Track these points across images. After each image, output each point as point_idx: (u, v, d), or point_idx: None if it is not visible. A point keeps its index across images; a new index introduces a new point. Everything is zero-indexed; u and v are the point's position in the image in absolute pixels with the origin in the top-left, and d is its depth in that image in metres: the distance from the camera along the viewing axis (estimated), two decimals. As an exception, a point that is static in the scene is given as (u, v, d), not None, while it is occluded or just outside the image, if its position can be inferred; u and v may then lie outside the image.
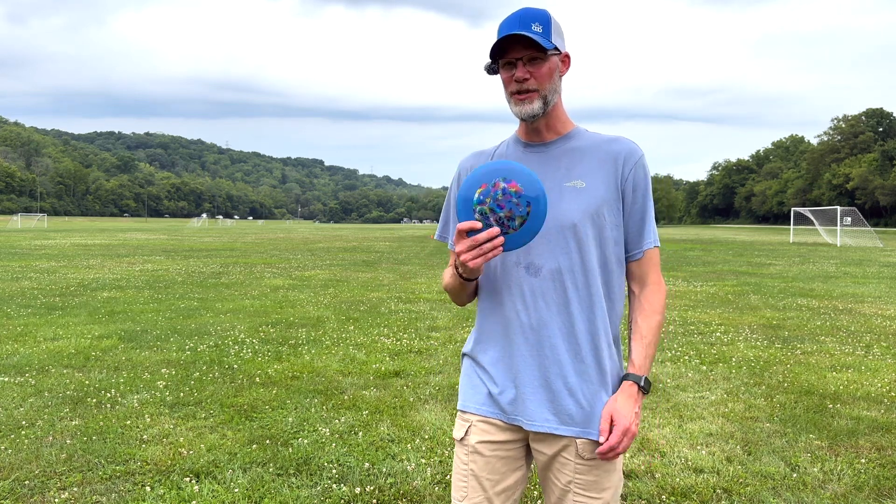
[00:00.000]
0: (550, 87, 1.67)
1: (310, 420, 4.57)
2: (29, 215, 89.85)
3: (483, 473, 1.76)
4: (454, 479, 1.82)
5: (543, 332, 1.69)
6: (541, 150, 1.74)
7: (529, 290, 1.70)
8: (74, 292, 11.67)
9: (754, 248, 30.21)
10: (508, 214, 1.53)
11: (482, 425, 1.76)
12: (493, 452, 1.76)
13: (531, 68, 1.64)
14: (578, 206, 1.68)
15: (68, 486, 3.48)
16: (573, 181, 1.69)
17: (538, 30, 1.62)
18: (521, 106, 1.67)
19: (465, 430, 1.79)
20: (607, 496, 1.72)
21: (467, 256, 1.54)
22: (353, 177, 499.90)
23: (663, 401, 5.10)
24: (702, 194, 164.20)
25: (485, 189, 1.53)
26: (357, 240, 39.07)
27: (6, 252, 23.20)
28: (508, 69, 1.67)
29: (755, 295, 12.00)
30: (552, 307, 1.69)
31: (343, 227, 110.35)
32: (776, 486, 3.57)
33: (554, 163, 1.72)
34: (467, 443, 1.78)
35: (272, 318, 8.95)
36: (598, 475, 1.70)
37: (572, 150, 1.73)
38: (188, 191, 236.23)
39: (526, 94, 1.66)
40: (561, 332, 1.69)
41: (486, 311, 1.78)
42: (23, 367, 6.04)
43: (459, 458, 1.81)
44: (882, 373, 6.07)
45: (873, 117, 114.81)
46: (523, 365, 1.71)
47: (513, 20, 1.63)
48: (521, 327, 1.71)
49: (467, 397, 1.81)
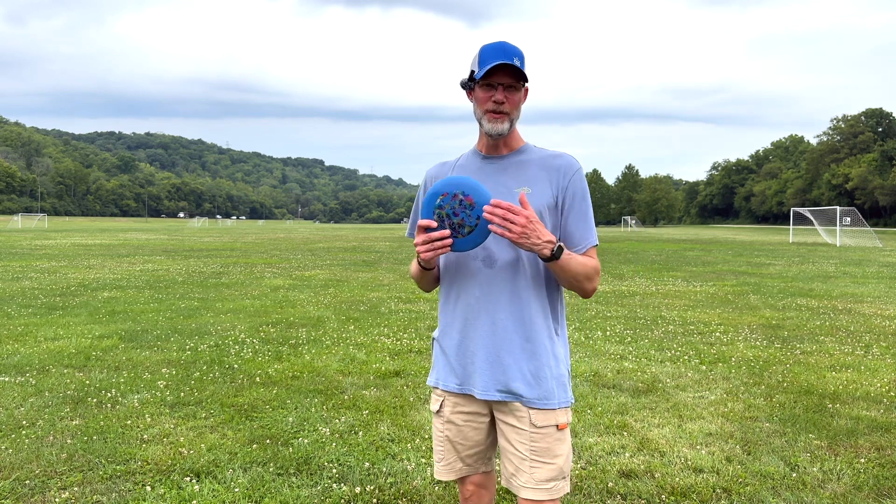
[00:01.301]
0: (517, 112, 2.00)
1: (310, 420, 4.58)
2: (29, 215, 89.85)
3: (456, 439, 2.11)
4: (434, 445, 2.19)
5: (497, 315, 1.98)
6: (496, 161, 2.05)
7: (486, 280, 1.99)
8: (75, 292, 11.67)
9: (754, 248, 30.22)
10: (460, 222, 1.87)
11: (453, 398, 2.10)
12: (465, 423, 2.10)
13: (508, 94, 1.95)
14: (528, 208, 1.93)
15: (69, 486, 3.49)
16: (521, 187, 1.99)
17: (517, 63, 1.92)
18: (493, 124, 1.97)
19: (439, 403, 2.13)
20: (560, 462, 2.00)
21: (421, 248, 1.89)
22: (353, 177, 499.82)
23: (663, 401, 5.11)
24: (701, 194, 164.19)
25: (446, 197, 1.86)
26: (357, 240, 39.08)
27: (7, 252, 23.21)
28: (487, 90, 1.95)
29: (755, 295, 12.01)
30: (505, 294, 1.97)
31: (343, 227, 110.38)
32: (776, 485, 3.58)
33: (507, 172, 2.03)
34: (443, 414, 2.12)
35: (272, 318, 8.96)
36: (549, 443, 1.98)
37: (522, 161, 2.04)
38: (188, 191, 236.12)
39: (499, 115, 1.96)
40: (512, 315, 1.97)
41: (449, 298, 2.08)
42: (23, 366, 6.04)
43: (437, 427, 2.16)
44: (881, 373, 6.08)
45: (873, 117, 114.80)
46: (480, 344, 2.00)
47: (497, 50, 1.92)
48: (477, 312, 2.00)
49: (438, 376, 2.13)
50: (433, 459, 2.19)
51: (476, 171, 2.05)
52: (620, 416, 4.72)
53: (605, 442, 4.19)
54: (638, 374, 5.91)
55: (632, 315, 9.46)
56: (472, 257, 1.99)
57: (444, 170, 2.15)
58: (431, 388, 2.17)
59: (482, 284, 1.98)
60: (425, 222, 1.88)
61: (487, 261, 1.98)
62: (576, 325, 8.51)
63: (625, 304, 10.67)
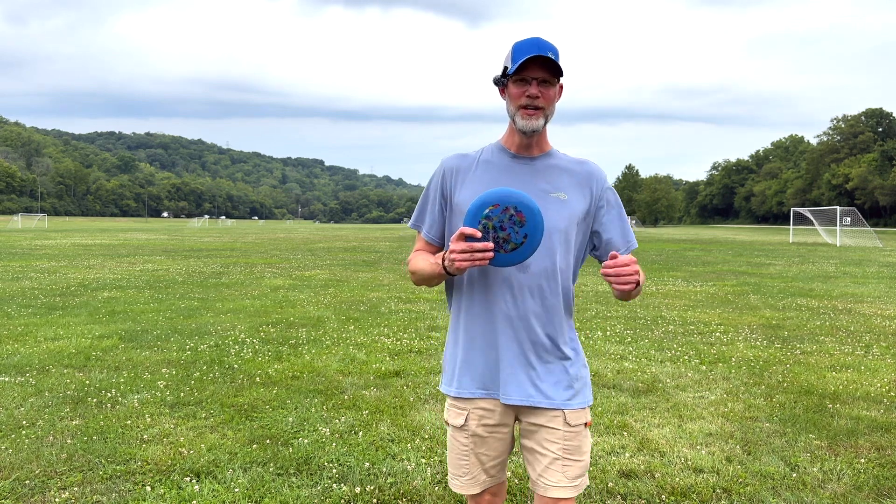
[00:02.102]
0: (551, 108, 1.93)
1: (310, 420, 4.58)
2: (29, 215, 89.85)
3: (482, 451, 2.03)
4: (452, 459, 2.07)
5: (528, 321, 1.93)
6: (528, 162, 1.99)
7: (518, 285, 1.93)
8: (75, 292, 11.67)
9: (754, 248, 30.21)
10: (506, 237, 1.79)
11: (479, 411, 2.00)
12: (490, 433, 2.02)
13: (542, 89, 1.88)
14: (563, 214, 1.95)
15: (69, 486, 3.49)
16: (557, 193, 1.96)
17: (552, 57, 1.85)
18: (527, 120, 1.90)
19: (464, 417, 2.02)
20: (587, 458, 2.01)
21: (458, 257, 1.78)
22: (353, 177, 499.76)
23: (663, 401, 5.11)
24: (701, 194, 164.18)
25: (496, 209, 1.77)
26: (357, 240, 39.08)
27: (7, 252, 23.21)
28: (521, 85, 1.89)
29: (755, 295, 12.01)
30: (536, 299, 1.93)
31: (343, 227, 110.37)
32: (776, 485, 3.58)
33: (539, 175, 1.98)
34: (468, 428, 2.02)
35: (272, 318, 8.96)
36: (580, 440, 1.98)
37: (553, 166, 2.00)
38: (188, 191, 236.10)
39: (534, 111, 1.89)
40: (545, 319, 1.95)
41: (475, 302, 1.98)
42: (23, 366, 6.04)
43: (459, 441, 2.05)
44: (882, 373, 6.07)
45: (873, 117, 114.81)
46: (511, 351, 1.94)
47: (532, 44, 1.86)
48: (508, 317, 1.94)
49: (464, 384, 2.01)
50: (450, 473, 2.09)
51: (507, 171, 1.98)
52: (620, 416, 4.72)
53: (605, 442, 4.18)
54: (638, 374, 5.91)
55: (632, 315, 9.46)
56: None
57: (466, 163, 2.04)
58: (451, 398, 2.05)
59: (513, 289, 1.93)
60: (469, 230, 1.77)
61: (521, 266, 1.92)
62: (576, 326, 8.50)
63: (625, 304, 10.67)
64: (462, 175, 2.01)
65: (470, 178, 2.00)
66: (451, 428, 2.06)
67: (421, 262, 2.00)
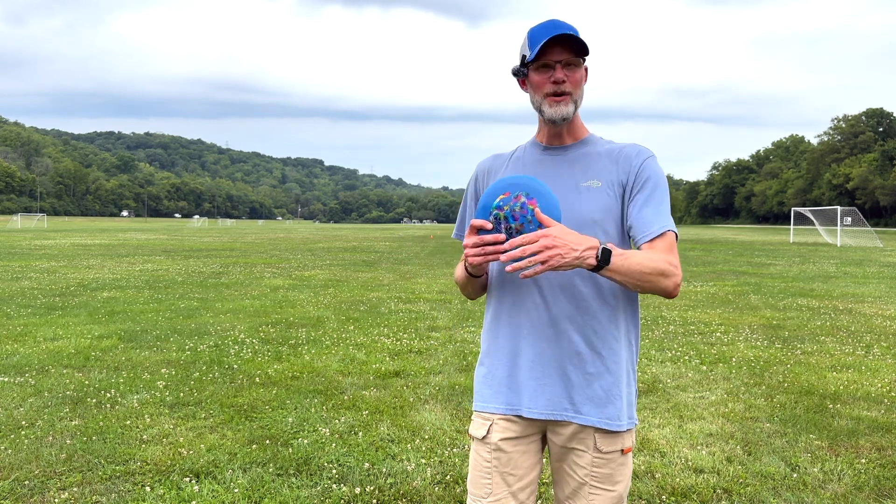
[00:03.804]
0: (580, 92, 1.75)
1: (310, 420, 4.57)
2: (29, 215, 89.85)
3: (507, 469, 1.79)
4: (473, 478, 1.84)
5: (562, 325, 1.74)
6: (559, 153, 1.82)
7: (549, 286, 1.74)
8: (74, 292, 11.67)
9: (754, 248, 30.21)
10: (518, 227, 1.60)
11: (503, 423, 1.80)
12: (514, 448, 1.80)
13: (567, 72, 1.71)
14: (597, 205, 1.74)
15: (68, 486, 3.48)
16: (589, 181, 1.75)
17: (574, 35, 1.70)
18: (555, 108, 1.73)
19: (486, 428, 1.81)
20: (620, 489, 1.77)
21: (470, 252, 1.62)
22: (353, 177, 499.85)
23: (663, 401, 5.10)
24: (702, 194, 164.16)
25: (506, 197, 1.62)
26: (357, 240, 39.07)
27: (6, 252, 23.20)
28: (544, 71, 1.72)
29: (755, 295, 12.01)
30: (572, 301, 1.73)
31: (343, 227, 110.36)
32: (776, 486, 3.57)
33: (572, 165, 1.79)
34: (489, 441, 1.81)
35: (272, 318, 8.95)
36: (613, 468, 1.76)
37: (589, 153, 1.80)
38: (188, 191, 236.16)
39: (561, 97, 1.72)
40: (580, 326, 1.74)
41: (504, 307, 1.81)
42: (23, 367, 6.03)
43: (481, 455, 1.83)
44: (882, 373, 6.07)
45: (873, 117, 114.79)
46: (541, 358, 1.75)
47: (549, 27, 1.70)
48: (536, 322, 1.75)
49: (485, 397, 1.84)
50: (470, 493, 1.84)
51: (535, 164, 1.82)
52: (621, 416, 4.71)
53: (605, 442, 4.18)
54: (638, 375, 5.89)
55: (632, 315, 9.45)
56: None
57: (498, 163, 1.91)
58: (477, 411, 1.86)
59: (543, 290, 1.74)
60: (478, 223, 1.61)
61: None
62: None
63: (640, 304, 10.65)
64: (493, 175, 1.88)
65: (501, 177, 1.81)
66: (473, 442, 1.86)
67: (458, 269, 1.86)
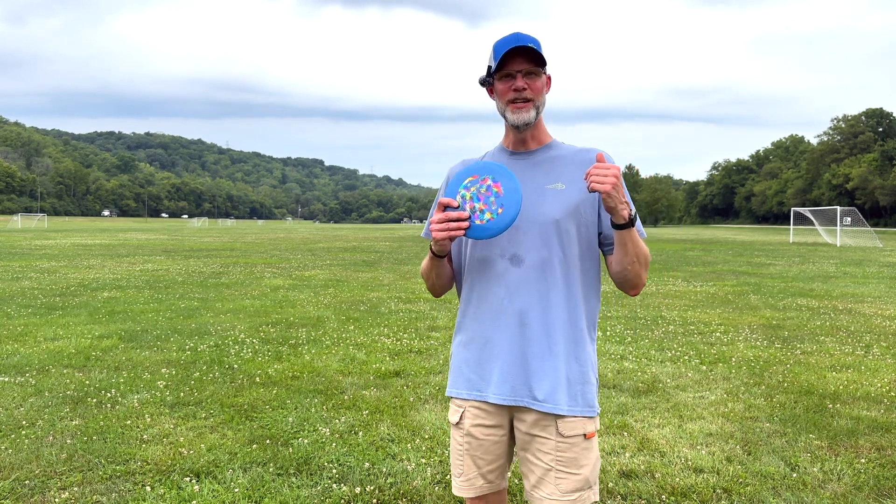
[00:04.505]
0: (541, 99, 1.90)
1: (310, 420, 4.57)
2: (29, 215, 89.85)
3: (477, 453, 1.98)
4: (452, 457, 2.06)
5: (524, 317, 1.87)
6: (525, 157, 1.96)
7: (513, 280, 1.88)
8: (75, 292, 11.67)
9: (754, 248, 30.21)
10: (482, 207, 1.78)
11: (474, 410, 1.97)
12: (485, 436, 1.97)
13: (528, 81, 1.86)
14: (560, 206, 1.88)
15: (68, 486, 3.49)
16: (554, 184, 1.90)
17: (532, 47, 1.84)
18: (517, 114, 1.87)
19: (459, 414, 2.00)
20: (586, 472, 1.89)
21: (435, 227, 1.79)
22: (353, 177, 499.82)
23: (663, 401, 5.11)
24: (702, 194, 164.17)
25: (474, 179, 1.79)
26: (357, 240, 39.07)
27: (6, 252, 23.21)
28: (506, 80, 1.87)
29: (755, 295, 12.01)
30: (533, 295, 1.87)
31: (343, 227, 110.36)
32: (776, 485, 3.57)
33: (537, 168, 1.93)
34: (462, 426, 1.99)
35: (272, 318, 8.95)
36: (576, 453, 1.88)
37: (553, 157, 1.94)
38: (188, 191, 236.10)
39: (523, 104, 1.87)
40: (541, 317, 1.87)
41: (472, 299, 1.96)
42: (23, 366, 6.04)
43: (456, 439, 2.03)
44: (882, 373, 6.07)
45: (873, 117, 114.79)
46: (506, 347, 1.89)
47: (511, 39, 1.85)
48: (503, 313, 1.89)
49: (457, 384, 2.00)
50: (452, 472, 2.06)
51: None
52: (621, 416, 4.72)
53: (605, 442, 4.18)
54: (638, 375, 5.90)
55: (632, 315, 9.46)
56: (499, 255, 1.89)
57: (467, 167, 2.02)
58: (450, 398, 2.04)
59: (509, 284, 1.88)
60: (445, 200, 1.79)
61: (515, 259, 1.88)
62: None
63: (625, 304, 10.67)
64: None
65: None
66: (451, 427, 2.04)
67: (424, 262, 2.00)
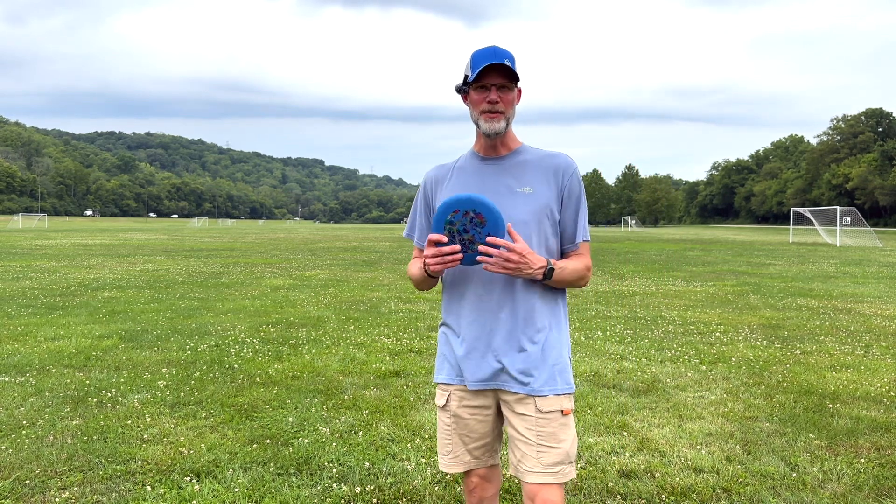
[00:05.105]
0: (512, 111, 2.07)
1: (310, 420, 4.58)
2: (29, 215, 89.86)
3: (463, 432, 2.18)
4: (439, 438, 2.23)
5: (500, 312, 2.07)
6: (496, 162, 2.13)
7: (489, 278, 2.07)
8: (75, 292, 11.67)
9: (754, 248, 30.22)
10: (470, 238, 1.96)
11: (459, 393, 2.16)
12: (471, 416, 2.16)
13: (501, 94, 2.03)
14: (529, 208, 2.07)
15: (69, 486, 3.49)
16: (523, 187, 2.08)
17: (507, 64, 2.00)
18: (490, 123, 2.04)
19: (445, 398, 2.19)
20: (566, 447, 2.07)
21: (431, 262, 1.97)
22: (354, 177, 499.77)
23: (663, 401, 5.11)
24: (701, 194, 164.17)
25: (457, 214, 1.95)
26: (357, 240, 39.07)
27: (7, 252, 23.21)
28: (481, 91, 2.03)
29: (755, 295, 12.01)
30: (507, 289, 2.06)
31: (343, 227, 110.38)
32: (776, 485, 3.58)
33: (507, 172, 2.11)
34: (449, 409, 2.18)
35: (272, 318, 8.96)
36: (555, 428, 2.06)
37: (521, 162, 2.12)
38: (188, 191, 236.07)
39: (495, 115, 2.03)
40: (514, 309, 2.06)
41: (453, 297, 2.16)
42: (23, 366, 6.04)
43: (443, 420, 2.21)
44: (881, 372, 6.08)
45: (873, 117, 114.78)
46: (484, 338, 2.08)
47: (488, 53, 2.00)
48: (478, 308, 2.09)
49: (442, 371, 2.20)
50: (438, 452, 2.23)
51: (475, 173, 2.12)
52: (620, 416, 4.72)
53: (605, 442, 4.18)
54: (638, 374, 5.91)
55: (632, 315, 9.46)
56: None
57: (443, 172, 2.22)
58: (436, 384, 2.23)
59: (485, 282, 2.07)
60: (436, 237, 1.95)
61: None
62: (576, 325, 8.50)
63: (625, 304, 10.67)
64: (440, 184, 2.20)
65: (446, 185, 2.17)
66: (438, 410, 2.23)
67: (414, 269, 2.21)
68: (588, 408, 4.88)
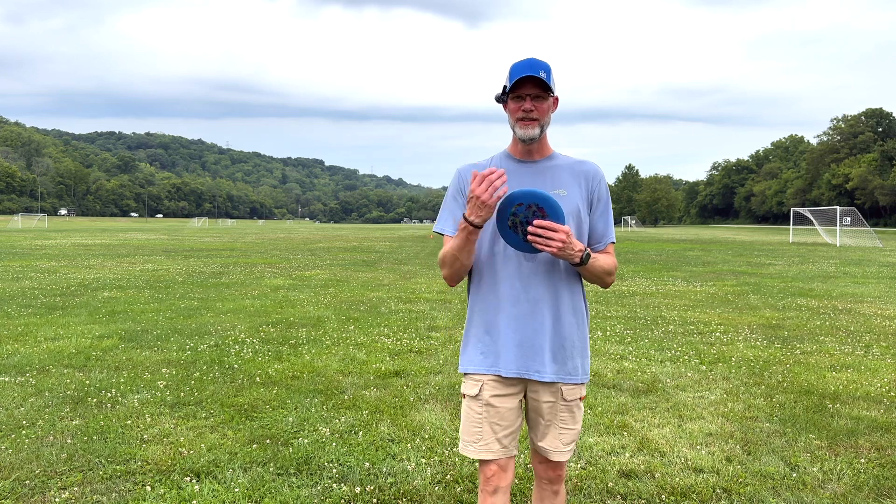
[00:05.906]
0: (546, 119, 2.22)
1: (310, 420, 4.58)
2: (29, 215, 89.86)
3: (494, 420, 2.27)
4: (466, 427, 2.30)
5: (537, 305, 2.21)
6: (531, 165, 2.29)
7: (527, 272, 2.21)
8: (75, 292, 11.67)
9: (754, 248, 30.21)
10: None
11: (492, 383, 2.26)
12: (502, 404, 2.26)
13: (536, 104, 2.18)
14: (565, 209, 2.17)
15: (69, 486, 3.49)
16: (558, 189, 2.25)
17: (543, 76, 2.15)
18: (525, 130, 2.20)
19: (478, 387, 2.27)
20: (578, 427, 2.36)
21: (479, 190, 2.00)
22: (353, 177, 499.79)
23: (663, 401, 5.11)
24: (701, 194, 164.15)
25: (521, 206, 2.07)
26: (357, 240, 39.07)
27: (7, 252, 23.21)
28: (518, 101, 2.19)
29: (755, 295, 12.01)
30: (543, 284, 2.21)
31: (343, 227, 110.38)
32: (776, 485, 3.58)
33: (543, 175, 2.28)
34: (481, 398, 2.27)
35: (272, 318, 8.96)
36: (573, 412, 2.32)
37: (555, 166, 2.29)
38: (188, 191, 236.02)
39: (530, 122, 2.19)
40: (549, 303, 2.22)
41: (486, 290, 2.26)
42: (23, 366, 6.04)
43: (473, 409, 2.29)
44: (881, 372, 6.07)
45: (873, 117, 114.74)
46: (520, 330, 2.21)
47: (525, 65, 2.15)
48: (517, 301, 2.21)
49: (474, 362, 2.28)
50: (463, 441, 2.30)
51: (514, 173, 2.25)
52: (620, 416, 4.72)
53: (605, 442, 4.18)
54: (638, 374, 5.90)
55: (632, 315, 9.46)
56: (515, 252, 2.20)
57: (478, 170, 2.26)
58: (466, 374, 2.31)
59: (522, 276, 2.21)
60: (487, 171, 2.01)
61: (530, 255, 2.19)
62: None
63: (625, 304, 10.67)
64: None
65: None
66: (466, 399, 2.31)
67: (449, 244, 2.23)
68: (588, 408, 4.88)
